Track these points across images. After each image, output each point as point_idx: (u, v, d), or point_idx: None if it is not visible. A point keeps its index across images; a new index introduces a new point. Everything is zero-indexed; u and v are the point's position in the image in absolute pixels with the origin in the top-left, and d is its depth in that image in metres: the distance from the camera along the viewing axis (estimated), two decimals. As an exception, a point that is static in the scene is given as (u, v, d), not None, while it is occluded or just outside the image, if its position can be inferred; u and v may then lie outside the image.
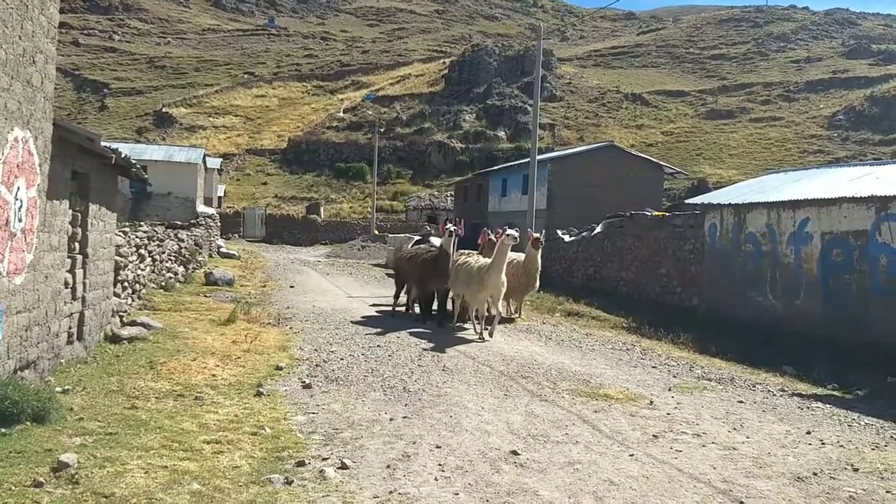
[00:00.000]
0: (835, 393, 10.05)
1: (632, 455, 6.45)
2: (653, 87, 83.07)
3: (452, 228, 13.81)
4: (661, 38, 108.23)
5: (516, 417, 7.57)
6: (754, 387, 10.05)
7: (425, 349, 11.54)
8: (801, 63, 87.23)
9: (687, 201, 21.75)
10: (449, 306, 14.82)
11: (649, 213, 20.68)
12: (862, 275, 12.72)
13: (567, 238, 24.00)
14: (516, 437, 6.86)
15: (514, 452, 6.29)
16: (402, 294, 16.30)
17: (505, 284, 12.96)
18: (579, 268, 23.21)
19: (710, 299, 16.73)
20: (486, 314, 13.54)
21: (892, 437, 7.55)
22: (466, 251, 15.73)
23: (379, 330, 13.18)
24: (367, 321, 14.54)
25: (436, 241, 16.12)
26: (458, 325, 14.12)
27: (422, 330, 13.58)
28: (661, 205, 29.00)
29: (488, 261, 13.15)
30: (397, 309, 15.99)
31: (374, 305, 17.52)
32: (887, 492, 5.76)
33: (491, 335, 12.91)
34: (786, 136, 64.94)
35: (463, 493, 5.27)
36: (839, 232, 13.28)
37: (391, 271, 30.76)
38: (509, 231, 12.91)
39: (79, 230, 8.58)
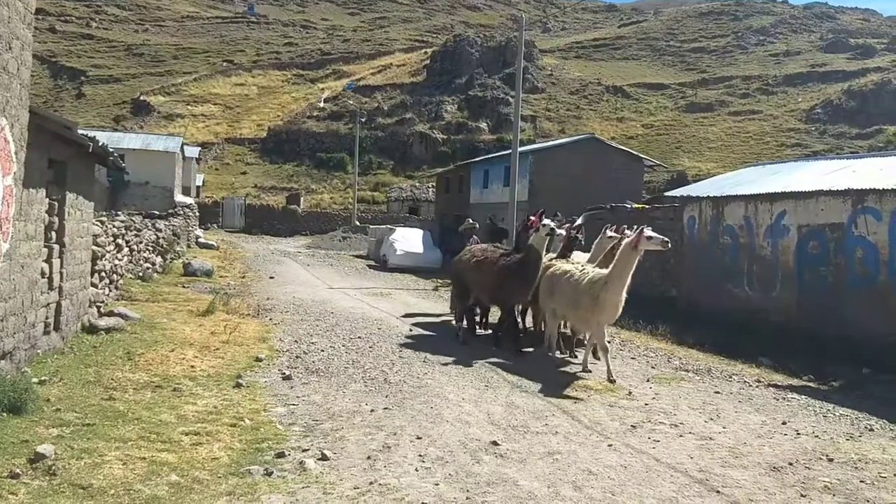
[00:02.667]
0: (810, 384, 10.19)
1: (610, 445, 6.51)
2: (633, 80, 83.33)
3: (552, 225, 10.63)
4: (642, 30, 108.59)
5: (497, 408, 7.61)
6: (731, 378, 10.17)
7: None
8: (779, 57, 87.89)
9: (666, 194, 21.90)
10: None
11: (629, 206, 20.78)
12: (838, 267, 12.88)
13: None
14: (497, 427, 6.89)
15: (495, 443, 6.32)
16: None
17: (622, 304, 9.59)
18: (560, 259, 23.27)
19: (688, 291, 16.87)
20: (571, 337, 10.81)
21: (866, 427, 7.68)
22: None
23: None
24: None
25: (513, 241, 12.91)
26: (561, 355, 10.79)
27: (504, 361, 10.20)
28: (640, 197, 29.13)
29: (601, 271, 9.84)
30: (455, 323, 12.63)
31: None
32: (861, 481, 5.86)
33: (585, 364, 9.94)
34: (764, 129, 65.44)
35: (443, 484, 5.30)
36: (816, 225, 13.43)
37: (373, 263, 30.96)
38: (648, 232, 9.36)
39: (56, 219, 8.48)
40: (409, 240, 29.83)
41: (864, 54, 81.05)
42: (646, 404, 8.18)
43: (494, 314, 12.96)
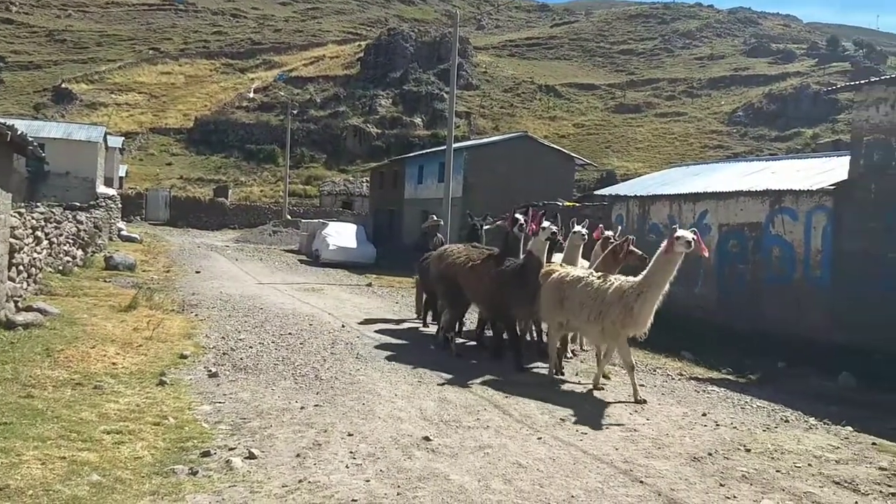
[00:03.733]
0: (729, 377, 10.59)
1: (540, 438, 6.62)
2: (565, 80, 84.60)
3: (553, 228, 9.68)
4: (574, 31, 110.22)
5: (429, 404, 7.64)
6: (654, 371, 10.48)
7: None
8: (704, 60, 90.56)
9: (596, 192, 22.39)
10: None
11: (561, 204, 21.15)
12: (756, 265, 13.43)
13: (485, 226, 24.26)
14: (429, 423, 6.92)
15: (427, 438, 6.35)
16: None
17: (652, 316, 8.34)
18: (492, 255, 23.49)
19: (616, 287, 17.29)
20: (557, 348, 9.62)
21: (782, 419, 8.03)
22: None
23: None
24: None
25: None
26: (560, 376, 9.57)
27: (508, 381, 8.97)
28: (571, 195, 29.70)
29: (628, 279, 8.57)
30: (419, 327, 12.04)
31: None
32: (777, 471, 6.12)
33: (596, 383, 8.90)
34: (688, 130, 67.42)
35: (374, 480, 5.29)
36: (735, 224, 13.97)
37: (304, 258, 30.58)
38: (683, 233, 8.23)
39: (-33, 210, 8.09)
40: (342, 234, 29.61)
41: (785, 59, 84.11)
42: (574, 398, 8.36)
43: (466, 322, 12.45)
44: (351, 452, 5.86)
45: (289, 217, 46.44)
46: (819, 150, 33.73)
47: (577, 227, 10.79)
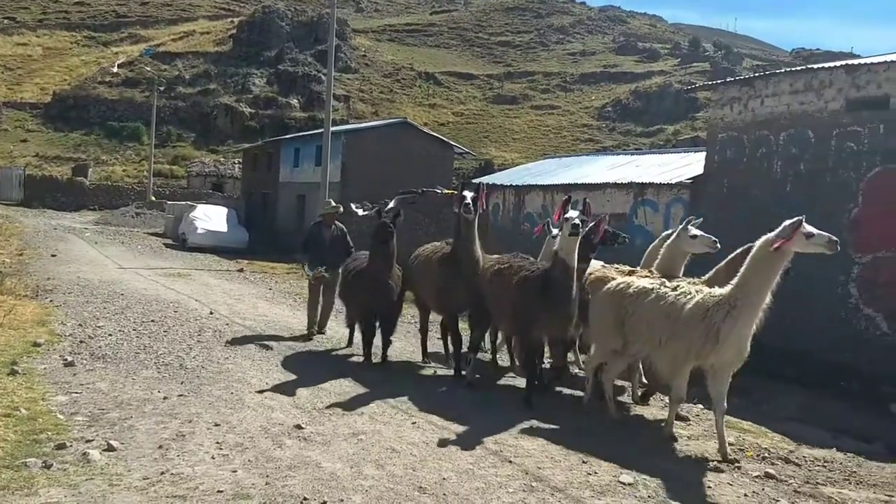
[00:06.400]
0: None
1: (414, 423, 6.67)
2: (445, 68, 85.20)
3: (576, 219, 7.01)
4: (453, 19, 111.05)
5: (302, 392, 7.52)
6: (526, 356, 10.77)
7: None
8: (577, 56, 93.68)
9: (474, 181, 22.68)
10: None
11: (440, 191, 21.30)
12: (619, 254, 14.06)
13: (360, 212, 24.02)
14: (301, 411, 6.81)
15: (299, 426, 6.25)
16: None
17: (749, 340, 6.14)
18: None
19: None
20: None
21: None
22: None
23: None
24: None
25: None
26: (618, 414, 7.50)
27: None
28: (451, 183, 29.95)
29: (717, 290, 6.30)
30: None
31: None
32: (635, 448, 6.45)
33: (723, 454, 6.29)
34: (562, 124, 69.62)
35: (241, 470, 5.15)
36: (603, 214, 14.59)
37: (170, 241, 29.23)
38: (809, 228, 5.75)
39: None
40: (211, 218, 28.57)
41: (650, 58, 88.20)
42: (451, 380, 8.48)
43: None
44: (217, 443, 5.68)
45: (153, 198, 44.35)
46: (679, 146, 35.74)
47: (693, 229, 7.73)
